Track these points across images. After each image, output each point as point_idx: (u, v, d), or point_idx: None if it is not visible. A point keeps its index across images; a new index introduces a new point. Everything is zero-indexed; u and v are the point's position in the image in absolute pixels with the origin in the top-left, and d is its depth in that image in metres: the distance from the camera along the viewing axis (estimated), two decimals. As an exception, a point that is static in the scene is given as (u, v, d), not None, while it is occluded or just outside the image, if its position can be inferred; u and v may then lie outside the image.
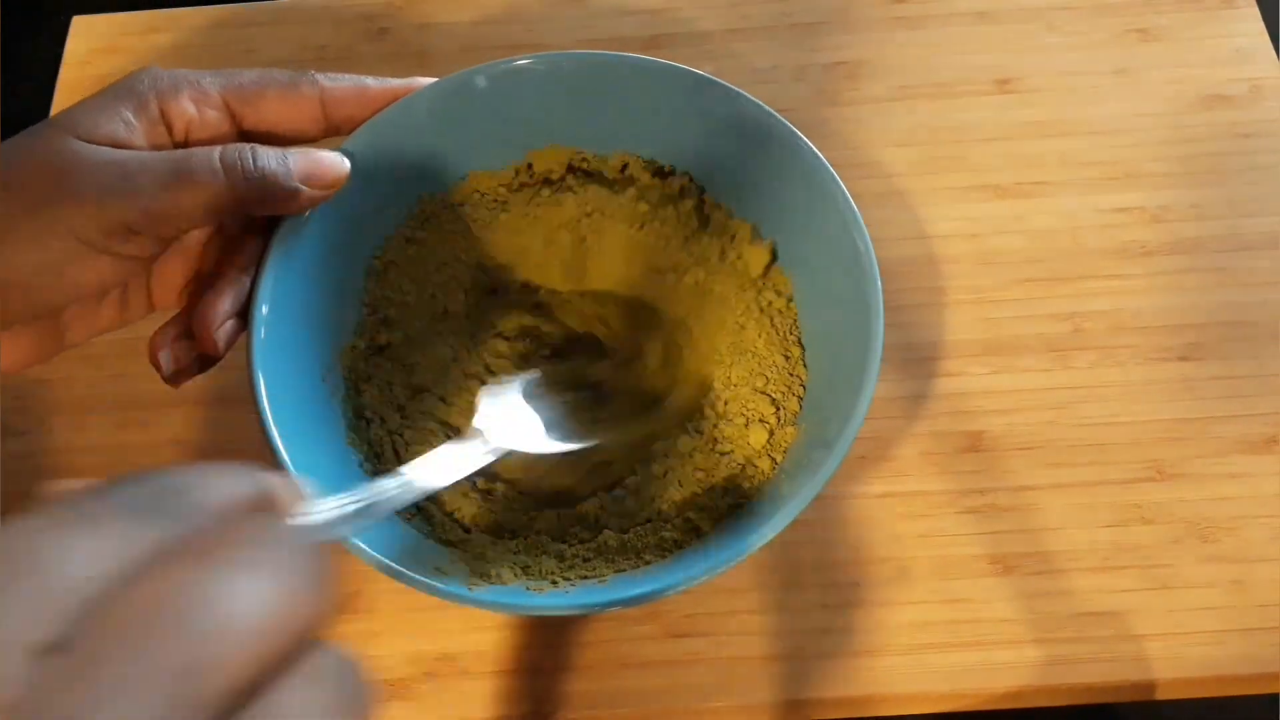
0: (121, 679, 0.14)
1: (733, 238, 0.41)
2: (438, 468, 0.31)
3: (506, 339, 0.43)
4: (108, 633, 0.14)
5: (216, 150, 0.33)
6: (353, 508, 0.23)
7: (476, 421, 0.35)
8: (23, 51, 0.60)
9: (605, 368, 0.43)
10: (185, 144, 0.35)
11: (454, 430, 0.41)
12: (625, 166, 0.42)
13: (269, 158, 0.34)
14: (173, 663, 0.14)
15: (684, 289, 0.43)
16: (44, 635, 0.14)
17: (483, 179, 0.42)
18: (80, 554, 0.15)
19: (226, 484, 0.17)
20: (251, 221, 0.37)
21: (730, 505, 0.37)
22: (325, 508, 0.21)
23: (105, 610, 0.14)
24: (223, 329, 0.35)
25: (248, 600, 0.15)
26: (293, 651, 0.16)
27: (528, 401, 0.38)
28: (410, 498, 0.28)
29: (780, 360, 0.40)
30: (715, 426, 0.40)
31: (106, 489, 0.16)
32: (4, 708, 0.13)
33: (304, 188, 0.34)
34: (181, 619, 0.14)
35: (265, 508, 0.18)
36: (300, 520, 0.18)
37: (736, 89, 0.40)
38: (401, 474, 0.29)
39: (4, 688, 0.13)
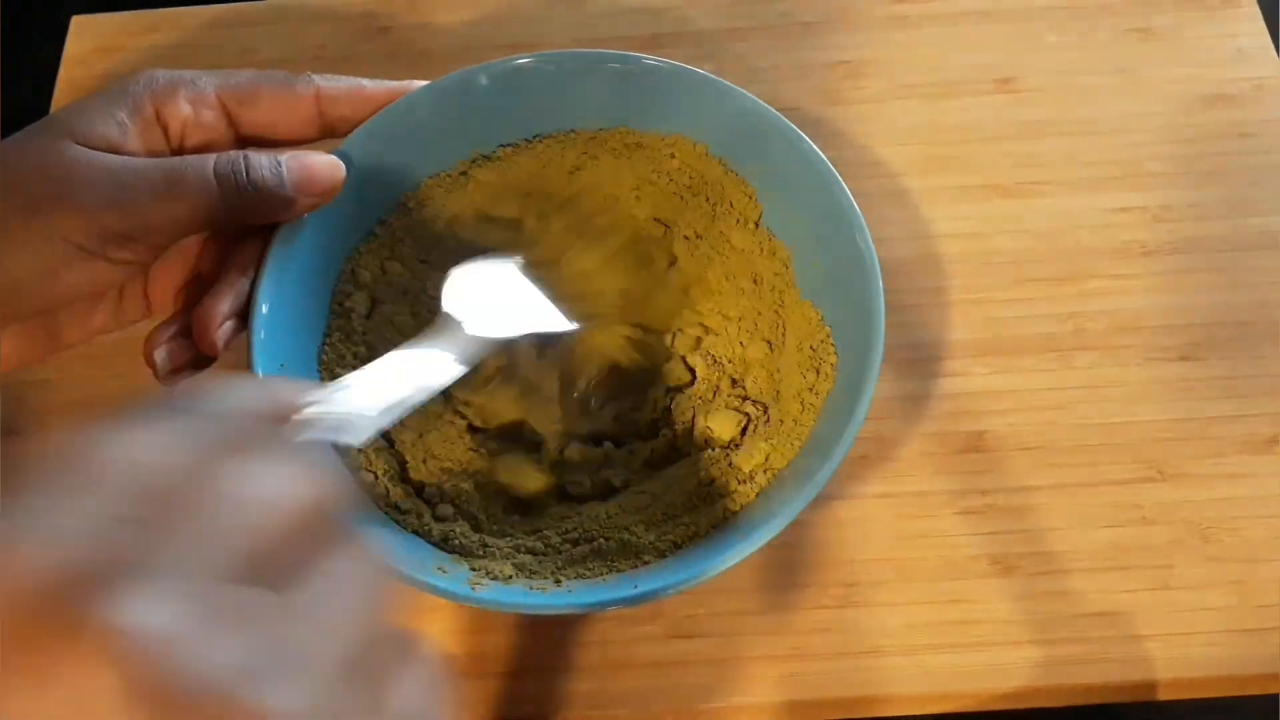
0: (176, 538, 0.17)
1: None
2: (411, 369, 0.30)
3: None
4: (165, 507, 0.17)
5: (210, 160, 0.33)
6: (341, 410, 0.25)
7: (446, 305, 0.33)
8: (22, 51, 0.60)
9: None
10: (181, 146, 0.35)
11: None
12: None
13: (263, 168, 0.33)
14: (215, 526, 0.17)
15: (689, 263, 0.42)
16: (116, 509, 0.17)
17: (486, 173, 0.42)
18: (140, 448, 0.18)
19: (248, 392, 0.21)
20: None
21: (730, 505, 0.37)
22: (323, 412, 0.24)
23: (162, 491, 0.17)
24: (222, 329, 0.35)
25: (267, 481, 0.18)
26: (315, 533, 0.19)
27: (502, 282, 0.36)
28: (398, 401, 0.28)
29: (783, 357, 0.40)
30: (715, 425, 0.39)
31: (156, 399, 0.20)
32: (85, 559, 0.16)
33: (298, 197, 0.34)
34: (218, 496, 0.18)
35: (280, 410, 0.22)
36: (303, 424, 0.22)
37: (737, 88, 0.40)
38: (374, 371, 0.28)
39: (84, 543, 0.16)
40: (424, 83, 0.39)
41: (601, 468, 0.40)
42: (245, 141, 0.36)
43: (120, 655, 0.15)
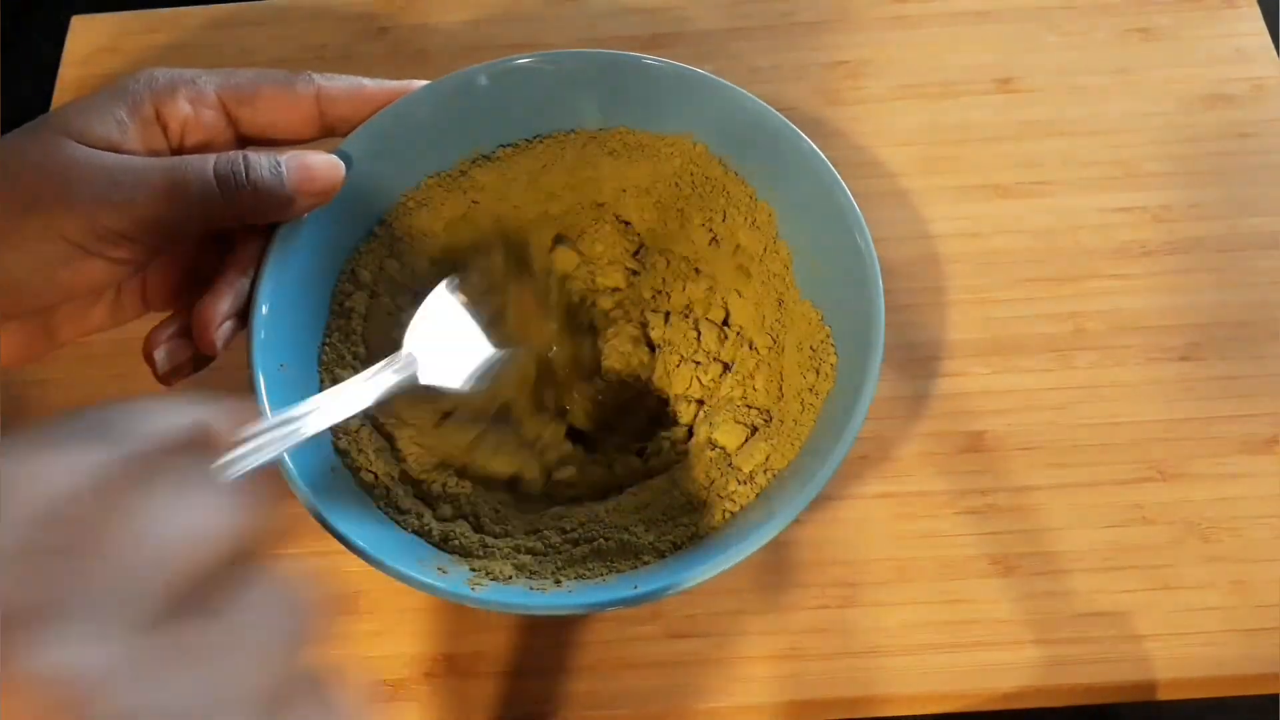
0: (92, 576, 0.16)
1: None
2: (356, 391, 0.32)
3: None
4: (80, 541, 0.17)
5: (210, 160, 0.33)
6: (271, 442, 0.25)
7: (407, 344, 0.35)
8: (22, 51, 0.60)
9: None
10: (180, 146, 0.35)
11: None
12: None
13: (262, 168, 0.33)
14: (131, 563, 0.17)
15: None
16: (27, 540, 0.16)
17: (486, 173, 0.42)
18: (38, 475, 0.17)
19: (165, 416, 0.20)
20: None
21: (730, 505, 0.37)
22: (248, 444, 0.23)
23: (76, 524, 0.17)
24: (221, 329, 0.35)
25: (184, 514, 0.18)
26: (234, 570, 0.18)
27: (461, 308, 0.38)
28: (328, 421, 0.30)
29: (782, 357, 0.40)
30: (720, 437, 0.39)
31: (59, 421, 0.19)
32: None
33: (298, 196, 0.34)
34: (123, 530, 0.17)
35: (200, 439, 0.20)
36: (227, 457, 0.21)
37: (737, 88, 0.40)
38: (316, 401, 0.30)
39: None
40: (424, 83, 0.39)
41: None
42: (245, 141, 0.36)
43: (44, 700, 0.15)
